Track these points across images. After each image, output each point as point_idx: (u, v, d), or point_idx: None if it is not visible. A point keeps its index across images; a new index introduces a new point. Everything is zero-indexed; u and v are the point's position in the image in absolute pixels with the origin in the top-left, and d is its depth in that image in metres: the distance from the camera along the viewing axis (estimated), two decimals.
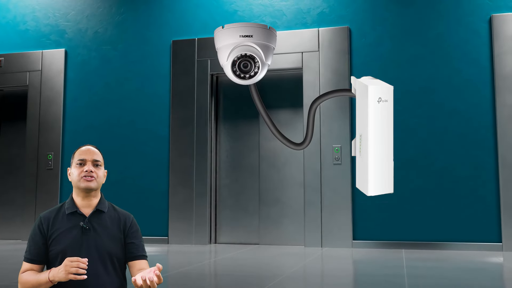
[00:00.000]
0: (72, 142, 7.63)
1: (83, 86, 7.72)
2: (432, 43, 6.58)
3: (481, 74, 6.40)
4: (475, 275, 4.55)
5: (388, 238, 6.45)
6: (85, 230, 2.25)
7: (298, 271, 4.88)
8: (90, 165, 2.31)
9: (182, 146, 7.20)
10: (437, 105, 6.49)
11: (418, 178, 6.42)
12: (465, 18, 6.51)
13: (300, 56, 6.94)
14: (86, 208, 2.31)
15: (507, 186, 6.16)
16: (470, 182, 6.31)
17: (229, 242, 7.19)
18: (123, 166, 7.36)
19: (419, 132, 6.49)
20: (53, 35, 7.93)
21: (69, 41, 7.86)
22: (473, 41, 6.46)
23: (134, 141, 7.44)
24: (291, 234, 6.97)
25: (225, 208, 7.27)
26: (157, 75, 7.46)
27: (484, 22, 6.44)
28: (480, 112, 6.37)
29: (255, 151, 7.27)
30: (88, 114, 7.65)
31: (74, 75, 7.77)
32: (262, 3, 7.20)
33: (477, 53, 6.43)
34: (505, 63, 6.29)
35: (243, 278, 4.59)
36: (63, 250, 2.21)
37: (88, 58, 7.76)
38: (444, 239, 6.29)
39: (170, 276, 4.52)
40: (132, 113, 7.49)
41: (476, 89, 6.40)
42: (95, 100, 7.65)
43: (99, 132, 7.57)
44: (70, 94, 7.75)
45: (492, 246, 6.15)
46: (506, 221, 6.13)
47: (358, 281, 4.55)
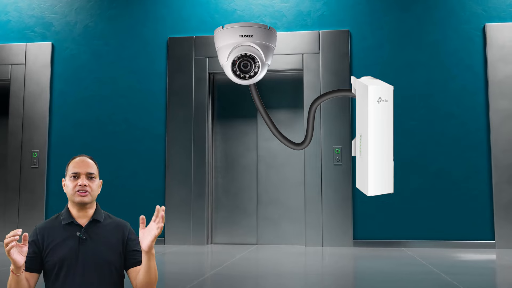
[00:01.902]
0: (60, 140, 7.33)
1: (72, 81, 7.43)
2: (429, 49, 6.83)
3: (476, 80, 6.71)
4: (473, 272, 4.78)
5: (387, 237, 6.63)
6: (81, 240, 2.24)
7: (339, 269, 4.92)
8: (84, 178, 2.28)
9: (179, 145, 7.07)
10: (434, 109, 6.75)
11: (416, 179, 6.65)
12: (460, 26, 6.82)
13: (300, 57, 7.00)
14: (82, 218, 2.29)
15: (500, 187, 6.50)
16: (464, 183, 6.60)
17: (226, 243, 7.13)
18: (115, 165, 7.14)
19: (417, 135, 6.72)
20: (38, 28, 7.58)
21: (56, 34, 7.54)
22: (467, 49, 6.78)
23: (127, 139, 7.24)
24: (290, 234, 7.02)
25: (222, 208, 7.22)
26: (152, 73, 7.29)
27: (478, 31, 6.77)
28: (474, 116, 6.68)
29: (252, 151, 7.26)
30: (77, 110, 7.37)
31: (62, 69, 7.47)
32: (262, 3, 7.22)
33: (472, 60, 6.75)
34: (498, 70, 6.64)
35: (289, 276, 4.58)
36: (60, 261, 2.20)
37: (77, 53, 7.48)
38: (440, 238, 6.54)
39: (212, 278, 4.43)
40: (125, 110, 7.29)
41: (471, 95, 6.71)
42: (84, 96, 7.38)
43: (89, 129, 7.30)
44: (57, 89, 7.44)
45: (486, 244, 6.46)
46: (498, 220, 6.46)
47: (371, 277, 4.66)
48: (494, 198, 6.50)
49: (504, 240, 6.42)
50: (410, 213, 6.62)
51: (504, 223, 6.44)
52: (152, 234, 2.12)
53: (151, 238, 2.12)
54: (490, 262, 5.55)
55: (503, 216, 6.45)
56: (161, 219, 2.12)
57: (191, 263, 5.62)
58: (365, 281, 4.50)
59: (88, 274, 2.17)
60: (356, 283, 4.35)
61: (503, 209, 6.47)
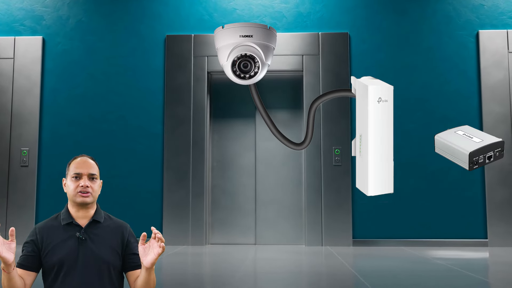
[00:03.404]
0: (52, 137, 7.09)
1: (64, 77, 7.20)
2: (426, 53, 7.03)
3: (469, 84, 6.96)
4: (471, 268, 5.00)
5: (385, 236, 6.77)
6: (81, 240, 2.24)
7: (368, 266, 4.99)
8: (86, 179, 2.28)
9: (178, 144, 6.98)
10: (430, 112, 6.95)
11: (413, 180, 6.82)
12: (455, 32, 7.05)
13: (300, 58, 7.05)
14: (82, 219, 2.29)
15: (492, 187, 6.76)
16: (459, 183, 6.83)
17: (224, 243, 7.09)
18: (111, 164, 6.97)
19: (415, 137, 6.90)
20: (27, 21, 7.30)
21: (47, 29, 7.29)
22: (462, 54, 7.02)
23: (123, 137, 7.08)
24: (288, 234, 7.05)
25: (220, 208, 7.17)
26: (149, 70, 7.16)
27: (472, 37, 7.03)
28: (468, 119, 6.92)
29: (250, 151, 7.25)
30: (69, 107, 7.14)
31: (53, 65, 7.22)
32: (262, 3, 7.22)
33: (466, 65, 6.99)
34: (491, 76, 6.91)
35: (333, 276, 4.60)
36: (59, 261, 2.19)
37: (69, 48, 7.25)
38: (436, 237, 6.74)
39: (243, 278, 4.40)
40: (121, 108, 7.12)
41: (465, 99, 6.95)
42: (77, 93, 7.17)
43: (83, 127, 7.10)
44: (48, 85, 7.19)
45: (479, 243, 6.71)
46: (491, 220, 6.72)
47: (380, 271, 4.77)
48: (487, 198, 6.76)
49: (496, 238, 6.68)
50: (408, 212, 6.79)
51: (497, 222, 6.71)
52: (156, 252, 2.12)
53: (154, 256, 2.13)
54: (484, 260, 5.79)
55: (496, 215, 6.72)
56: (160, 240, 2.13)
57: (234, 265, 5.56)
58: (366, 279, 4.58)
59: (87, 275, 2.17)
60: (356, 282, 4.42)
61: (495, 209, 6.73)
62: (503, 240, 6.67)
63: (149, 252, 2.13)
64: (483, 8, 7.06)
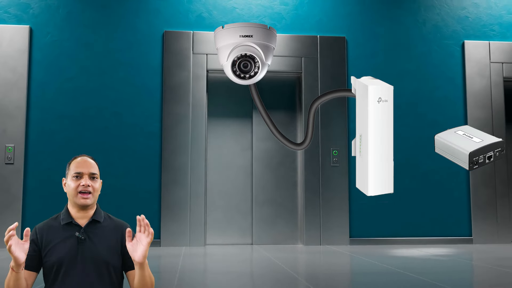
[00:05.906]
0: (39, 133, 6.67)
1: (53, 70, 6.80)
2: (417, 60, 7.37)
3: (456, 91, 7.38)
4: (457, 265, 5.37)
5: (381, 235, 7.01)
6: (80, 240, 2.24)
7: (393, 266, 5.11)
8: (87, 178, 2.29)
9: (176, 143, 6.81)
10: (420, 116, 7.29)
11: (407, 181, 7.12)
12: (443, 41, 7.44)
13: (299, 60, 7.13)
14: (82, 219, 2.29)
15: (476, 188, 7.21)
16: (447, 184, 7.22)
17: (221, 243, 7.01)
18: (105, 163, 6.61)
19: (407, 140, 7.19)
20: (12, 9, 6.82)
21: (35, 18, 6.85)
22: (449, 62, 7.42)
23: (118, 135, 6.80)
24: (285, 234, 7.10)
25: (217, 208, 7.08)
26: (146, 66, 6.93)
27: (458, 46, 7.45)
28: (455, 124, 7.14)
29: (247, 151, 7.22)
30: (59, 102, 6.76)
31: (41, 56, 6.80)
32: (262, 3, 7.23)
33: (453, 72, 7.40)
34: (475, 83, 7.36)
35: (348, 275, 4.66)
36: (58, 260, 2.19)
37: (59, 40, 6.86)
38: (425, 235, 7.09)
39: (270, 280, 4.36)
40: (116, 104, 6.84)
41: (452, 104, 7.36)
42: (69, 87, 6.80)
43: (74, 123, 6.75)
44: (36, 77, 6.76)
45: (464, 240, 7.13)
46: (475, 218, 7.17)
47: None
48: (472, 198, 7.20)
49: (480, 236, 7.14)
50: (401, 212, 7.08)
51: (480, 221, 7.16)
52: (144, 243, 2.09)
53: (143, 247, 2.10)
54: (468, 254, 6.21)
55: (480, 214, 7.17)
56: (147, 227, 2.10)
57: (252, 266, 5.48)
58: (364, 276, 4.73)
59: (87, 274, 2.17)
60: (354, 279, 4.57)
61: (479, 209, 7.19)
62: (486, 237, 7.14)
63: (138, 246, 2.10)
64: (468, 20, 7.51)
